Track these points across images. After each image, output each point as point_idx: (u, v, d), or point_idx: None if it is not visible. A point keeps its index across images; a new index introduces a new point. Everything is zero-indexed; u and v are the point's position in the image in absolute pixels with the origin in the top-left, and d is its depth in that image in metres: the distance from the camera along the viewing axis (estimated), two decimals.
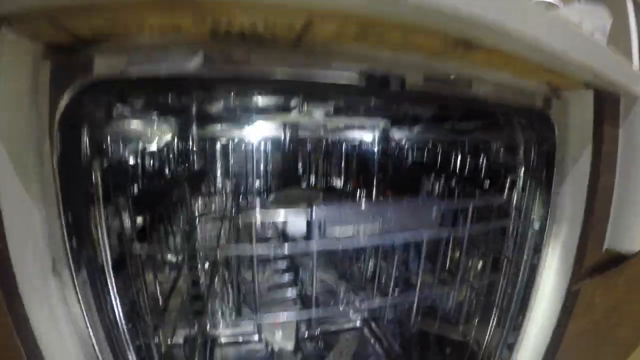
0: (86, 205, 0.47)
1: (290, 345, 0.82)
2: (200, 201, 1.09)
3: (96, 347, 0.48)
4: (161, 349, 0.63)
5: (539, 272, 0.75)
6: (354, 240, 0.58)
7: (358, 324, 1.17)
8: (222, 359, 1.01)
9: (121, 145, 0.61)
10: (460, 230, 0.73)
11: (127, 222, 0.57)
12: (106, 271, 0.49)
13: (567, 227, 0.71)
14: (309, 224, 0.53)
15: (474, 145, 0.87)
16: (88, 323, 0.47)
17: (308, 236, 0.57)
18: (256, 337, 1.03)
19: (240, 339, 1.07)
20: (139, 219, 0.64)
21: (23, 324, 0.42)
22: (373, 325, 1.15)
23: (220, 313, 0.86)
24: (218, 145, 1.13)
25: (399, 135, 1.12)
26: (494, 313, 0.84)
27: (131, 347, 0.53)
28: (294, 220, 0.63)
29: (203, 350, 0.89)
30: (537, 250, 0.74)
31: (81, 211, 0.46)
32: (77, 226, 0.45)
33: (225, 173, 1.17)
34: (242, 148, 1.19)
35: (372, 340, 1.12)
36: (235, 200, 1.06)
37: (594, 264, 0.75)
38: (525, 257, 0.76)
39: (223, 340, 1.02)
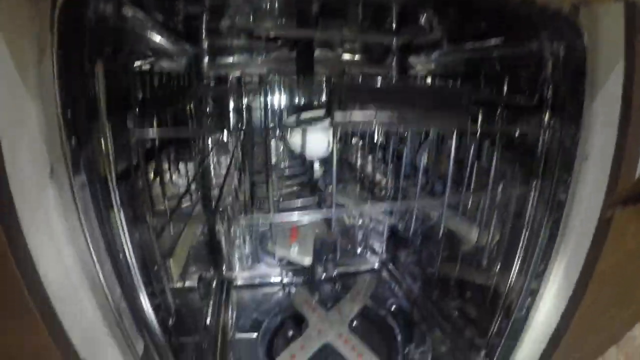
0: (88, 108, 0.42)
1: (307, 261, 0.78)
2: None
3: (97, 265, 0.45)
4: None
5: (568, 200, 0.70)
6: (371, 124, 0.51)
7: (376, 266, 1.15)
8: (238, 300, 1.00)
9: (125, 46, 0.55)
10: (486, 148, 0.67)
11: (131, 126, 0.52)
12: (109, 180, 0.45)
13: (598, 150, 0.65)
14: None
15: (501, 60, 0.80)
16: (89, 239, 0.44)
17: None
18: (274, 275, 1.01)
19: (257, 281, 1.06)
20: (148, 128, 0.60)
21: (18, 241, 0.39)
22: (391, 266, 1.13)
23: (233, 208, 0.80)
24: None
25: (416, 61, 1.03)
26: (519, 248, 0.80)
27: (135, 265, 0.50)
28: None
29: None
30: (568, 172, 0.68)
31: (82, 114, 0.42)
32: (78, 128, 0.41)
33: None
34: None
35: (391, 283, 1.09)
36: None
37: (627, 193, 0.70)
38: (554, 182, 0.70)
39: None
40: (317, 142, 0.65)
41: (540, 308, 0.73)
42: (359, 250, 1.14)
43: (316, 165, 0.77)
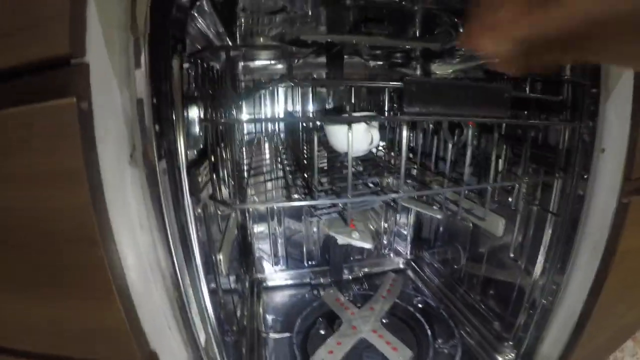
0: (170, 96, 0.44)
1: (369, 245, 0.78)
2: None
3: (169, 252, 0.46)
4: None
5: (588, 190, 0.72)
6: None
7: (401, 265, 1.16)
8: (269, 301, 1.00)
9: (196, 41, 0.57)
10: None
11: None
12: (182, 167, 0.46)
13: (613, 143, 0.68)
14: None
15: None
16: (167, 225, 0.45)
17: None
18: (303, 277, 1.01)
19: (287, 282, 1.06)
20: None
21: (105, 225, 0.40)
22: (416, 266, 1.14)
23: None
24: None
25: None
26: (543, 240, 0.81)
27: (199, 255, 0.50)
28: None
29: None
30: (587, 164, 0.71)
31: (165, 101, 0.43)
32: (161, 115, 0.42)
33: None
34: None
35: (417, 281, 1.10)
36: None
37: None
38: (575, 174, 0.72)
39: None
40: (362, 139, 0.65)
41: (564, 298, 0.75)
42: (385, 251, 1.15)
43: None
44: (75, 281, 0.40)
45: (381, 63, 1.05)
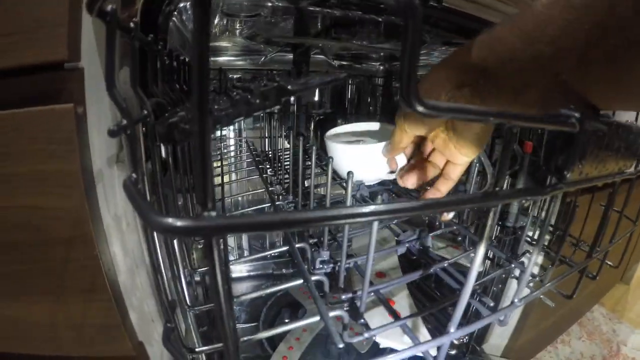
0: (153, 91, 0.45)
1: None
2: None
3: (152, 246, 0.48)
4: None
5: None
6: None
7: None
8: (234, 293, 1.02)
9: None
10: None
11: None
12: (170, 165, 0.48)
13: None
14: None
15: None
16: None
17: None
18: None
19: (250, 274, 1.09)
20: None
21: (97, 220, 0.41)
22: None
23: None
24: None
25: None
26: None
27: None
28: None
29: None
30: None
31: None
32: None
33: None
34: None
35: None
36: None
37: None
38: None
39: None
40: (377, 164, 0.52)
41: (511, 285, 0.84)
42: None
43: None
44: (71, 281, 0.41)
45: (345, 64, 1.09)
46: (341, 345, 0.33)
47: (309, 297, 0.98)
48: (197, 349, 0.38)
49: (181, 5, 0.51)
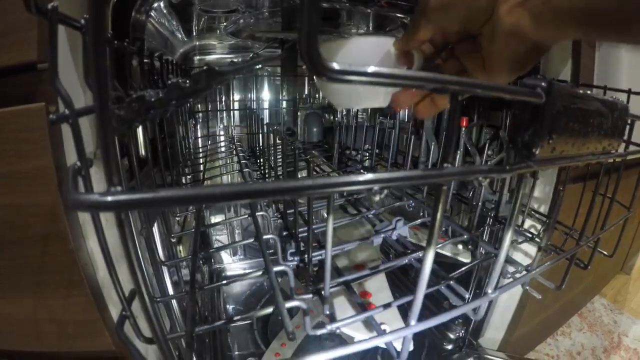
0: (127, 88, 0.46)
1: None
2: None
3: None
4: None
5: None
6: None
7: None
8: (229, 290, 1.03)
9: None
10: None
11: None
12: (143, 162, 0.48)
13: None
14: None
15: None
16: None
17: None
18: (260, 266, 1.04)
19: (245, 270, 1.09)
20: None
21: (73, 216, 0.41)
22: None
23: None
24: None
25: None
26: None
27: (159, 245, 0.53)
28: None
29: None
30: None
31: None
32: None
33: None
34: None
35: None
36: None
37: None
38: None
39: None
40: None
41: None
42: None
43: None
44: (49, 277, 0.42)
45: None
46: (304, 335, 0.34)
47: (303, 294, 0.98)
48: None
49: (155, 5, 0.52)
